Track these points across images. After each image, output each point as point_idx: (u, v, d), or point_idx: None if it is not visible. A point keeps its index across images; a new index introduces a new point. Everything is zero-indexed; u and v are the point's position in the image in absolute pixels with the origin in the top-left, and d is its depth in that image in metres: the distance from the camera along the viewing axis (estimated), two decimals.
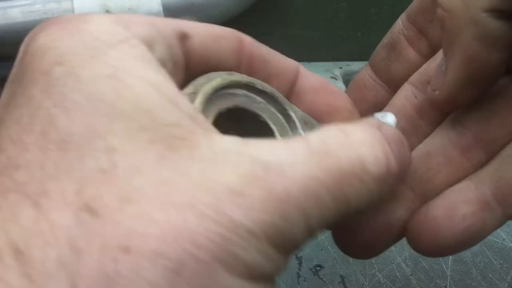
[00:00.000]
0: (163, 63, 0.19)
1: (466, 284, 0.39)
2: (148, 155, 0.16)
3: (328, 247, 0.42)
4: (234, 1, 0.68)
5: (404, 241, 0.44)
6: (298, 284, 0.39)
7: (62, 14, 0.63)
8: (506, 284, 0.39)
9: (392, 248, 0.42)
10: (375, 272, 0.40)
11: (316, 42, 0.72)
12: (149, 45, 0.19)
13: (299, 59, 0.27)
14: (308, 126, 0.25)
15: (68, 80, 0.16)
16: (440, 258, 0.41)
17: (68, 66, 0.16)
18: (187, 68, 0.22)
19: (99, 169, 0.15)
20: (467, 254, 0.42)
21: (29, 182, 0.15)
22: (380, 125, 0.21)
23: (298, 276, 0.40)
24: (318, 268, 0.41)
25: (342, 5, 0.77)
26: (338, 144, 0.18)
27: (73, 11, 0.63)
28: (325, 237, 0.43)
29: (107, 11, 0.62)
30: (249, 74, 0.24)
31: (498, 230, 0.45)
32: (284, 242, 0.16)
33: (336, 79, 0.73)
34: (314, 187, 0.17)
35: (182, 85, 0.22)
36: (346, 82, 0.73)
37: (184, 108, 0.17)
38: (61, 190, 0.14)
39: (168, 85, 0.18)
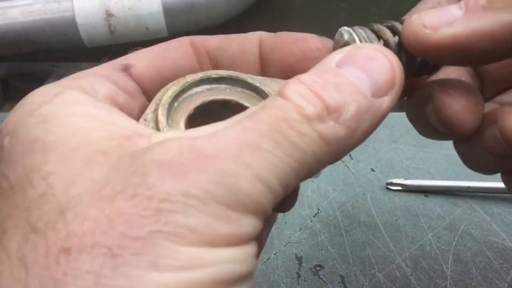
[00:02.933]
0: (112, 98, 0.22)
1: (466, 284, 0.39)
2: (80, 165, 0.17)
3: (328, 247, 0.42)
4: (234, 1, 0.68)
5: (404, 241, 0.44)
6: (298, 284, 0.39)
7: (62, 14, 0.63)
8: (506, 284, 0.39)
9: (392, 248, 0.43)
10: (375, 272, 0.40)
11: None
12: (90, 90, 0.21)
13: None
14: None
15: (12, 142, 0.18)
16: (440, 258, 0.41)
17: (11, 133, 0.19)
18: (145, 91, 0.24)
19: (39, 194, 0.17)
20: (467, 254, 0.42)
21: None
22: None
23: (298, 276, 0.40)
24: (318, 268, 0.41)
25: (342, 5, 0.77)
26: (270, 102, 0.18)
27: (73, 11, 0.63)
28: (325, 237, 0.43)
29: (107, 11, 0.62)
30: (215, 65, 0.25)
31: (498, 230, 0.45)
32: (237, 199, 0.16)
33: None
34: (247, 137, 0.17)
35: (145, 108, 0.24)
36: None
37: (120, 123, 0.19)
38: (15, 224, 0.17)
39: (100, 111, 0.19)
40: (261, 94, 0.24)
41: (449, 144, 0.28)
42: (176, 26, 0.66)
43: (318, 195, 0.49)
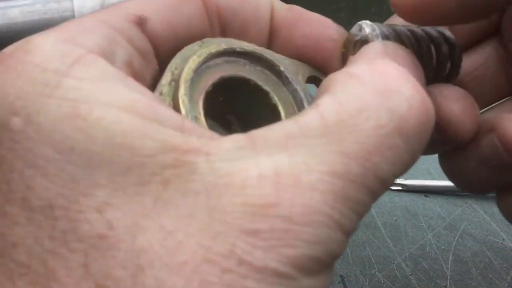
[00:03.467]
0: (128, 64, 0.18)
1: (466, 284, 0.39)
2: (143, 203, 0.14)
3: None
4: None
5: (404, 241, 0.44)
6: None
7: (62, 14, 0.63)
8: (506, 284, 0.39)
9: (392, 248, 0.42)
10: (375, 272, 0.40)
11: None
12: (108, 52, 0.17)
13: None
14: (301, 73, 0.23)
15: (29, 131, 0.14)
16: (440, 258, 0.41)
17: (23, 114, 0.14)
18: (157, 52, 0.20)
19: (97, 235, 0.13)
20: (467, 254, 0.42)
21: (32, 263, 0.13)
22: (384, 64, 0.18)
23: None
24: None
25: (342, 5, 0.77)
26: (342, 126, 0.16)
27: (73, 11, 0.63)
28: None
29: None
30: (224, 28, 0.23)
31: (498, 230, 0.45)
32: (322, 265, 0.14)
33: None
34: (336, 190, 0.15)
35: (157, 72, 0.20)
36: None
37: (166, 121, 0.15)
38: (67, 268, 0.13)
39: (140, 99, 0.15)
40: (283, 80, 0.22)
41: None
42: None
43: None
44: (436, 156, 0.59)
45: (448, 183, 0.50)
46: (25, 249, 0.13)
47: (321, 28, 0.23)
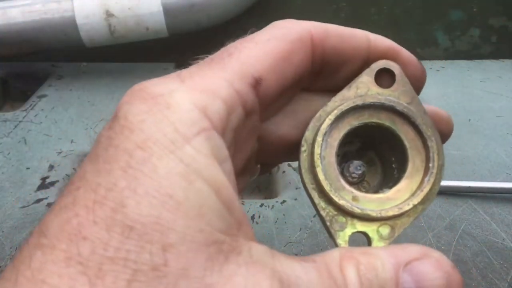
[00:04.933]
0: (236, 129, 0.21)
1: (466, 284, 0.39)
2: (198, 257, 0.17)
3: (328, 247, 0.42)
4: (234, 1, 0.68)
5: (404, 241, 0.43)
6: None
7: (62, 14, 0.63)
8: (506, 284, 0.39)
9: None
10: None
11: None
12: (225, 123, 0.20)
13: None
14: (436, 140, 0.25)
15: (145, 167, 0.17)
16: None
17: (148, 152, 0.18)
18: (262, 106, 0.23)
19: (152, 265, 0.16)
20: (467, 254, 0.42)
21: (90, 259, 0.16)
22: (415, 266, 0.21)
23: None
24: None
25: (342, 5, 0.77)
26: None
27: (73, 11, 0.63)
28: (325, 237, 0.43)
29: (107, 11, 0.62)
30: (322, 66, 0.25)
31: (498, 230, 0.45)
32: None
33: None
34: None
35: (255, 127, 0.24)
36: None
37: (235, 213, 0.19)
38: (115, 277, 0.16)
39: (228, 187, 0.19)
40: (415, 128, 0.25)
41: (448, 144, 0.28)
42: (176, 26, 0.66)
43: None
44: None
45: (448, 183, 0.50)
46: (91, 246, 0.16)
47: (407, 64, 0.26)
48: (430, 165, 0.24)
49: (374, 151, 0.28)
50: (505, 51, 0.79)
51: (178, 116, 0.19)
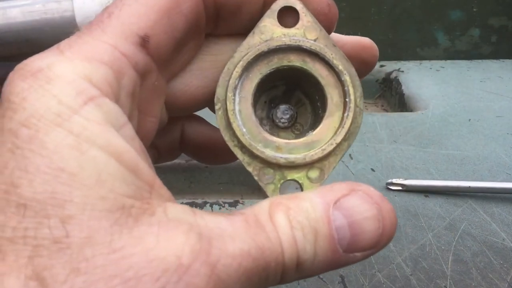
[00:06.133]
0: (132, 93, 0.21)
1: (466, 284, 0.39)
2: (103, 223, 0.17)
3: None
4: None
5: (404, 241, 0.44)
6: (298, 284, 0.39)
7: (62, 14, 0.63)
8: (506, 284, 0.39)
9: (392, 248, 0.42)
10: (375, 272, 0.40)
11: None
12: (116, 88, 0.20)
13: None
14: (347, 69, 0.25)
15: (33, 145, 0.17)
16: (440, 258, 0.41)
17: (33, 129, 0.17)
18: (157, 60, 0.22)
19: (53, 238, 0.16)
20: (467, 254, 0.42)
21: None
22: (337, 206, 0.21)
23: None
24: None
25: (342, 5, 0.77)
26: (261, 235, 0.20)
27: (73, 11, 0.63)
28: None
29: None
30: (217, 13, 0.24)
31: (498, 230, 0.45)
32: None
33: None
34: (248, 268, 0.18)
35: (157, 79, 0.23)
36: None
37: (143, 176, 0.18)
38: (16, 255, 0.16)
39: (128, 151, 0.18)
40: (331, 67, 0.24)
41: (449, 144, 0.28)
42: None
43: None
44: (436, 156, 0.59)
45: (448, 183, 0.50)
46: None
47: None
48: (347, 99, 0.24)
49: (301, 91, 0.27)
50: (505, 51, 0.79)
51: (61, 89, 0.18)
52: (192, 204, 0.47)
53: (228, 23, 0.25)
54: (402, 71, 0.72)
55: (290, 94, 0.27)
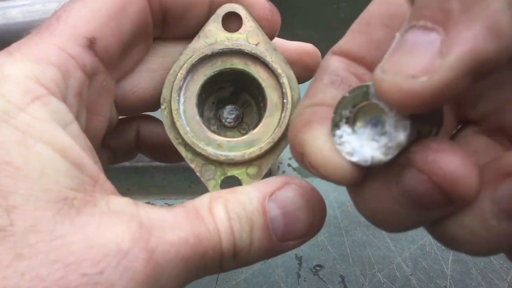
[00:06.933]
0: (79, 93, 0.22)
1: (466, 284, 0.39)
2: (46, 213, 0.18)
3: (328, 247, 0.42)
4: None
5: (404, 241, 0.44)
6: (298, 284, 0.39)
7: None
8: (506, 284, 0.39)
9: (392, 248, 0.42)
10: (375, 272, 0.40)
11: (316, 42, 0.72)
12: (63, 88, 0.21)
13: None
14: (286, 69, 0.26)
15: None
16: (440, 258, 0.41)
17: None
18: (104, 62, 0.23)
19: None
20: None
21: None
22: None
23: (298, 276, 0.40)
24: (318, 268, 0.41)
25: (342, 5, 0.77)
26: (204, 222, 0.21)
27: None
28: (325, 237, 0.43)
29: None
30: (164, 17, 0.25)
31: None
32: None
33: None
34: (186, 255, 0.20)
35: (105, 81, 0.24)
36: None
37: (87, 171, 0.20)
38: None
39: (72, 147, 0.19)
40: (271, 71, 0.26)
41: None
42: None
43: None
44: None
45: None
46: None
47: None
48: (284, 100, 0.25)
49: (248, 92, 0.29)
50: None
51: (9, 88, 0.19)
52: None
53: (174, 27, 0.26)
54: None
55: (237, 95, 0.29)
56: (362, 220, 0.46)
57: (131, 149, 0.31)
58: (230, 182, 0.25)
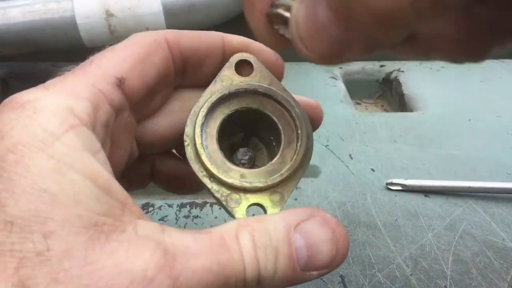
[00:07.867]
0: (106, 124, 0.24)
1: (466, 284, 0.39)
2: (79, 239, 0.19)
3: None
4: (234, 1, 0.68)
5: (404, 241, 0.44)
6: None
7: (62, 14, 0.63)
8: (506, 284, 0.39)
9: (392, 248, 0.43)
10: (375, 272, 0.40)
11: None
12: (93, 119, 0.22)
13: (298, 59, 0.27)
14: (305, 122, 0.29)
15: (18, 168, 0.19)
16: (440, 258, 0.41)
17: (19, 155, 0.19)
18: (131, 101, 0.26)
19: (36, 251, 0.18)
20: (467, 254, 0.42)
21: None
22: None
23: None
24: None
25: None
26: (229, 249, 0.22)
27: (73, 11, 0.63)
28: None
29: (107, 11, 0.62)
30: (184, 65, 0.28)
31: (498, 230, 0.45)
32: None
33: (336, 79, 0.73)
34: (209, 282, 0.20)
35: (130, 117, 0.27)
36: (346, 82, 0.73)
37: (116, 196, 0.21)
38: (4, 266, 0.18)
39: (103, 173, 0.21)
40: (287, 110, 0.28)
41: (449, 144, 0.28)
42: (176, 26, 0.65)
43: (318, 195, 0.49)
44: (436, 156, 0.59)
45: (448, 183, 0.50)
46: None
47: (260, 54, 0.29)
48: (299, 132, 0.28)
49: (257, 137, 0.32)
50: (505, 51, 0.79)
51: (46, 118, 0.21)
52: (192, 205, 0.47)
53: (193, 75, 0.29)
54: (402, 71, 0.72)
55: (248, 141, 0.32)
56: (362, 220, 0.46)
57: (146, 181, 0.34)
58: (253, 210, 0.26)
